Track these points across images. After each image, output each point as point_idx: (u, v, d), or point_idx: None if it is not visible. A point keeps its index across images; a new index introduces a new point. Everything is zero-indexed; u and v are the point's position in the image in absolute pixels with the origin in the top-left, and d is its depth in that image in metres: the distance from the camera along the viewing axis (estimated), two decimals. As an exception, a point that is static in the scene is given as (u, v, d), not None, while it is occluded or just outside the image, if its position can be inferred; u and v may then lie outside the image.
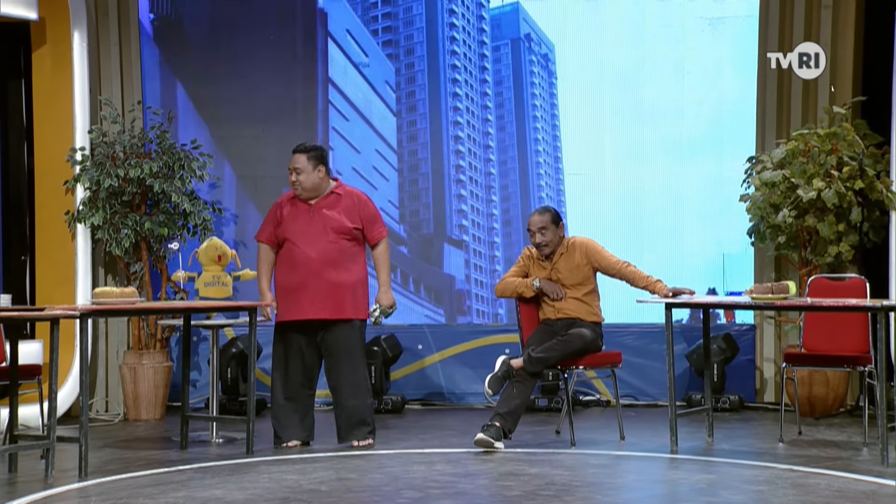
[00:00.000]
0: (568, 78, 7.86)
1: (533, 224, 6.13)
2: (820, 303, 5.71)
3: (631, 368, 7.49)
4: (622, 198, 7.80)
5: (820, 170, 7.00)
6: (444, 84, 7.85)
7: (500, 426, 5.78)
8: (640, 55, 7.81)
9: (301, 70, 7.85)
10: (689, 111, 7.78)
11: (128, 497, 4.68)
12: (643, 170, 7.81)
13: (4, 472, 5.27)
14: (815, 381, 7.08)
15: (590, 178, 7.82)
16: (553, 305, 6.14)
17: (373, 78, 7.83)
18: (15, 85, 7.37)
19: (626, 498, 4.64)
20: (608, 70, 7.83)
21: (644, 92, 7.80)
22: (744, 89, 7.66)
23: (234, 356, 7.33)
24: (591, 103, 7.83)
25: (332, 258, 5.87)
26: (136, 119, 7.47)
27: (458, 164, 7.83)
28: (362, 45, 7.83)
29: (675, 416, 5.82)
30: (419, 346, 7.75)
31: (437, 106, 7.84)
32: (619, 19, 7.81)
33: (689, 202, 7.77)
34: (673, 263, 7.59)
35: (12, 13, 6.94)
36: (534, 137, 7.86)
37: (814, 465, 5.33)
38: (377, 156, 7.84)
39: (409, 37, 7.86)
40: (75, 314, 5.12)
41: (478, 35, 7.86)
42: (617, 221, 7.78)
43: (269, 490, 4.80)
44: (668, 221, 7.79)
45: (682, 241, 7.77)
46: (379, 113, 7.85)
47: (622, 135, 7.82)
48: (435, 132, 7.84)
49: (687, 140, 7.78)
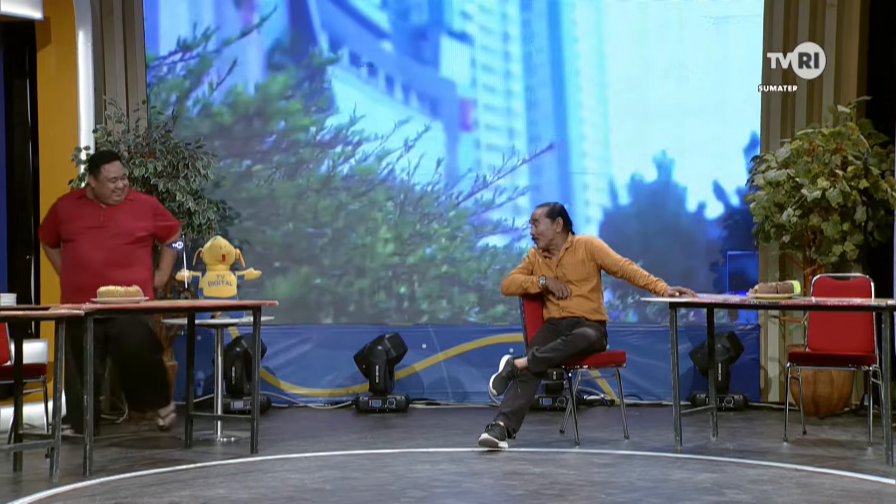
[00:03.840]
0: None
1: (531, 216, 6.21)
2: (824, 302, 5.70)
3: (635, 368, 7.49)
4: (625, 194, 7.79)
5: (824, 169, 6.99)
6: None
7: (505, 426, 5.78)
8: (643, 55, 7.80)
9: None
10: (691, 110, 7.77)
11: (132, 496, 4.69)
12: (646, 169, 7.81)
13: (9, 471, 5.28)
14: (820, 381, 7.07)
15: (596, 178, 7.81)
16: (558, 304, 6.14)
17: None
18: (20, 84, 7.37)
19: (630, 497, 4.63)
20: (612, 69, 7.83)
21: (647, 91, 7.78)
22: (748, 88, 7.64)
23: (238, 355, 7.34)
24: (598, 103, 7.82)
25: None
26: (141, 118, 7.48)
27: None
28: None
29: (679, 415, 5.81)
30: (423, 345, 7.75)
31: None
32: (622, 19, 7.80)
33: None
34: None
35: (17, 13, 6.95)
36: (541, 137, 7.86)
37: (818, 465, 5.33)
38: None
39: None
40: (80, 313, 5.13)
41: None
42: (623, 222, 7.78)
43: (274, 489, 4.80)
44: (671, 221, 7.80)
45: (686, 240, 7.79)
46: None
47: (626, 134, 7.81)
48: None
49: (690, 139, 7.78)
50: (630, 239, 7.69)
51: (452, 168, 7.79)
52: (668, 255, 7.69)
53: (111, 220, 6.17)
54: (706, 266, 7.74)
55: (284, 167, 7.80)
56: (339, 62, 7.77)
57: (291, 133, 7.81)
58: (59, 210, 6.27)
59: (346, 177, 7.79)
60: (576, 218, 7.67)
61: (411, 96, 7.79)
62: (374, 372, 7.39)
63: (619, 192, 7.79)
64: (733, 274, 7.58)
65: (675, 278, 7.49)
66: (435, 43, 7.80)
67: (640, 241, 7.72)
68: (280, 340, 7.75)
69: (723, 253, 7.68)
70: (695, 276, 7.65)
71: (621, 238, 7.57)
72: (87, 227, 6.14)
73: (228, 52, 7.78)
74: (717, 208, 7.75)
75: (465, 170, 7.78)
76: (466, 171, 7.78)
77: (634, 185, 7.79)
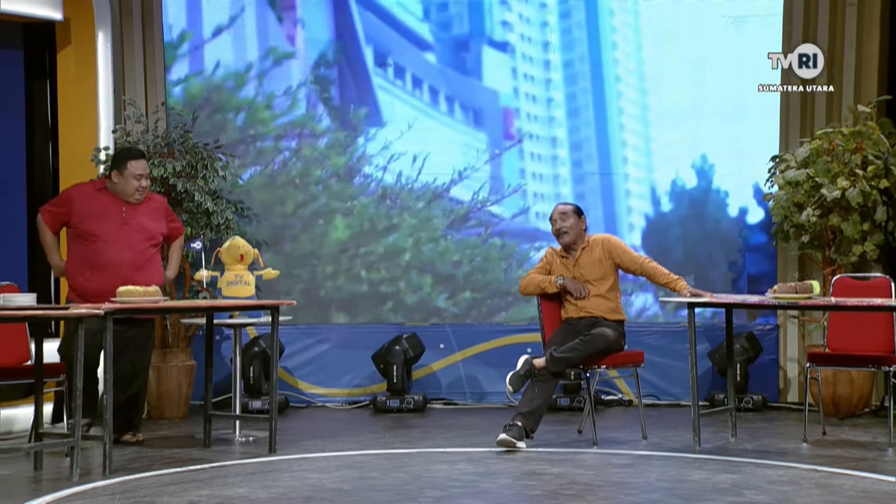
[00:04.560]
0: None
1: (556, 211, 6.18)
2: (844, 302, 5.68)
3: (653, 368, 7.47)
4: (667, 200, 7.78)
5: (844, 169, 6.96)
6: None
7: (523, 426, 5.78)
8: (661, 54, 7.78)
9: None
10: (710, 110, 7.74)
11: (151, 495, 4.71)
12: (686, 174, 7.78)
13: (30, 470, 5.31)
14: (840, 381, 7.04)
15: (610, 178, 7.79)
16: (576, 304, 6.13)
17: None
18: (40, 85, 7.41)
19: (648, 498, 4.62)
20: (651, 75, 7.79)
21: (663, 91, 7.76)
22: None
23: (256, 355, 7.36)
24: (639, 109, 7.81)
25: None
26: (160, 119, 7.51)
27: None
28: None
29: (697, 415, 5.80)
30: (441, 345, 7.76)
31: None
32: (660, 23, 7.76)
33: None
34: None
35: (38, 14, 6.99)
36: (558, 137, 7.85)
37: (838, 466, 5.30)
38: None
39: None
40: (99, 313, 5.15)
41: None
42: (665, 228, 7.75)
43: (292, 489, 4.81)
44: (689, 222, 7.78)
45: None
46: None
47: (641, 134, 7.79)
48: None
49: (708, 139, 7.75)
50: (672, 245, 7.68)
51: (497, 178, 7.78)
52: (709, 260, 7.68)
53: (133, 220, 6.02)
54: (745, 269, 7.71)
55: (334, 178, 7.78)
56: (384, 74, 7.78)
57: (337, 147, 7.79)
58: (74, 197, 5.98)
59: (392, 189, 7.77)
60: (619, 224, 7.67)
61: (455, 107, 7.80)
62: (392, 372, 7.39)
63: (661, 199, 7.76)
64: (751, 274, 7.57)
65: (717, 284, 7.49)
66: (477, 53, 7.80)
67: (683, 247, 7.71)
68: (298, 340, 7.77)
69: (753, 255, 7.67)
70: (738, 279, 7.63)
71: (662, 245, 7.60)
72: (109, 224, 5.94)
73: (274, 66, 7.77)
74: (758, 213, 7.70)
75: (511, 180, 7.76)
76: (511, 181, 7.75)
77: (676, 191, 7.76)
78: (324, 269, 7.81)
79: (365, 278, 7.80)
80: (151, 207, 6.14)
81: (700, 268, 7.65)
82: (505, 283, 7.76)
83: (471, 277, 7.78)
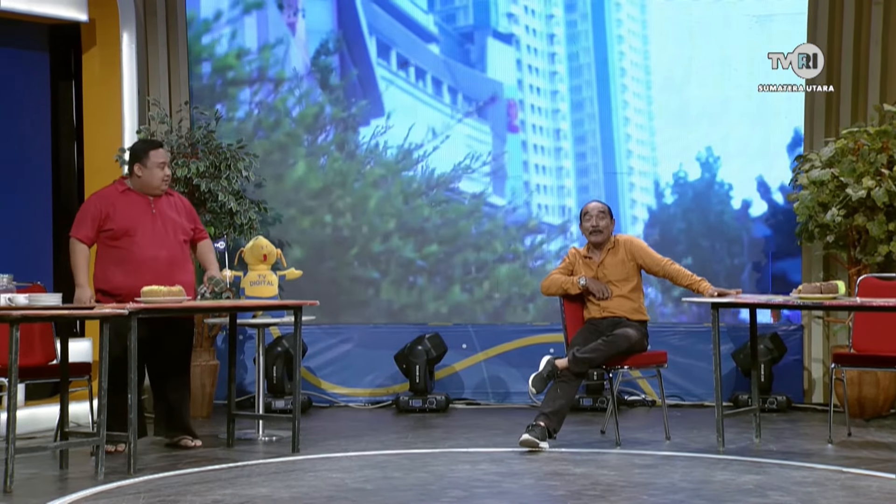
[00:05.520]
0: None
1: (593, 208, 6.15)
2: (870, 303, 5.63)
3: (676, 368, 7.44)
4: (670, 193, 7.76)
5: (870, 168, 6.91)
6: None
7: (545, 426, 5.77)
8: (686, 54, 7.76)
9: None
10: (734, 109, 7.71)
11: (175, 494, 4.73)
12: (690, 168, 7.77)
13: (56, 469, 5.35)
14: (865, 382, 6.99)
15: (642, 177, 7.78)
16: (598, 304, 6.12)
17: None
18: (65, 86, 7.46)
19: (672, 498, 4.60)
20: (657, 68, 7.79)
21: (689, 91, 7.74)
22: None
23: (279, 355, 7.38)
24: (644, 102, 7.80)
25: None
26: (184, 119, 7.54)
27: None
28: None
29: (721, 416, 5.77)
30: (463, 345, 7.76)
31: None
32: (666, 17, 7.76)
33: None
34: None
35: (63, 15, 7.04)
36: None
37: (864, 467, 5.26)
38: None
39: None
40: (124, 313, 5.18)
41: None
42: (669, 221, 7.74)
43: (315, 488, 4.82)
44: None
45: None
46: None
47: (668, 134, 7.77)
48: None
49: (734, 137, 7.72)
50: (675, 238, 7.65)
51: (500, 168, 7.78)
52: (713, 253, 7.65)
53: (163, 214, 5.90)
54: (750, 265, 7.68)
55: (334, 170, 7.81)
56: (388, 66, 7.80)
57: (340, 136, 7.82)
58: (100, 204, 5.84)
59: (399, 179, 7.79)
60: (622, 218, 7.67)
61: (458, 98, 7.81)
62: (415, 372, 7.40)
63: (664, 192, 7.76)
64: (776, 275, 7.53)
65: (720, 277, 7.48)
66: (481, 45, 7.81)
67: (686, 240, 7.68)
68: (321, 340, 7.79)
69: (766, 252, 7.62)
70: (738, 274, 7.60)
71: (666, 237, 7.56)
72: (142, 220, 5.81)
73: (274, 55, 7.81)
74: (761, 206, 7.69)
75: (514, 172, 7.76)
76: (513, 174, 7.76)
77: (679, 185, 7.75)
78: (327, 263, 7.85)
79: (367, 274, 7.82)
80: (173, 202, 6.00)
81: (705, 261, 7.63)
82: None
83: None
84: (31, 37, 7.24)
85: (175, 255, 5.88)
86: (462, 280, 7.81)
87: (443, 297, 7.80)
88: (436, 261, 7.82)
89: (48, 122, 7.40)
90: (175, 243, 5.90)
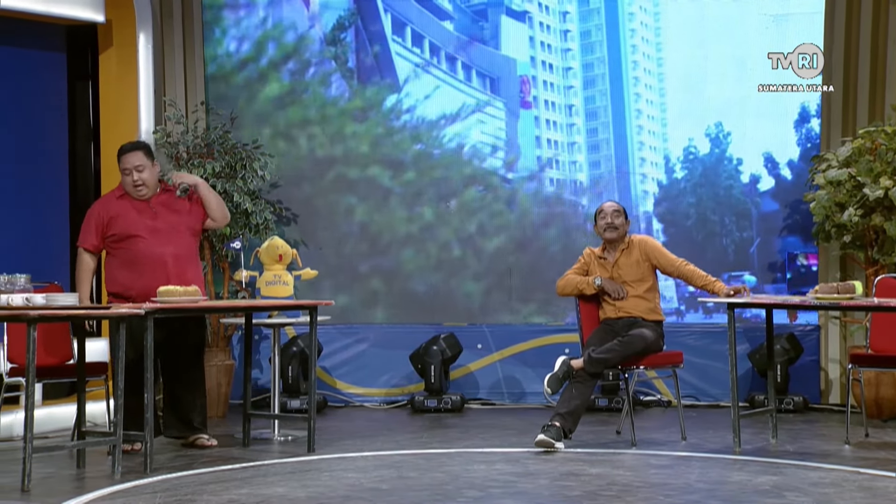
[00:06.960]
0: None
1: (608, 207, 6.17)
2: (887, 303, 5.60)
3: (692, 369, 7.42)
4: (680, 168, 7.77)
5: (887, 168, 6.88)
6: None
7: (561, 426, 5.76)
8: (702, 53, 7.74)
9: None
10: (751, 108, 7.69)
11: (192, 493, 4.74)
12: (700, 142, 7.77)
13: (73, 468, 5.37)
14: (883, 383, 6.96)
15: (653, 152, 7.77)
16: (614, 304, 6.11)
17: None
18: (82, 87, 7.50)
19: (688, 499, 4.59)
20: (670, 69, 7.78)
21: (706, 90, 7.72)
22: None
23: (294, 355, 7.40)
24: (655, 79, 7.81)
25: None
26: (200, 119, 7.56)
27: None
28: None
29: (737, 416, 5.75)
30: (479, 345, 7.76)
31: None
32: (680, 17, 7.75)
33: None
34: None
35: (80, 16, 7.07)
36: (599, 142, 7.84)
37: (882, 468, 5.23)
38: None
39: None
40: (141, 313, 5.19)
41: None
42: (678, 195, 7.74)
43: (331, 488, 4.83)
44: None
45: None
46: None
47: (683, 131, 7.77)
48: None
49: (750, 136, 7.71)
50: (685, 212, 7.71)
51: (513, 145, 7.81)
52: (722, 227, 7.68)
53: (163, 212, 5.87)
54: (759, 239, 7.67)
55: (347, 154, 7.84)
56: (402, 42, 7.83)
57: (353, 116, 7.87)
58: (101, 210, 5.85)
59: (412, 158, 7.85)
60: (632, 191, 7.69)
61: (472, 75, 7.83)
62: (430, 372, 7.40)
63: (674, 167, 7.78)
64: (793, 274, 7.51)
65: (729, 251, 7.49)
66: (495, 23, 7.82)
67: (696, 214, 7.73)
68: (336, 340, 7.80)
69: (775, 229, 7.65)
70: (747, 247, 7.64)
71: (676, 212, 7.67)
72: (143, 221, 5.81)
73: (287, 33, 7.86)
74: (769, 182, 7.72)
75: (526, 148, 7.79)
76: (526, 150, 7.80)
77: (689, 159, 7.76)
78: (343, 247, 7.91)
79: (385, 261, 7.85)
80: (175, 199, 5.94)
81: (714, 235, 7.63)
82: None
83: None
84: (49, 38, 7.27)
85: (180, 252, 5.86)
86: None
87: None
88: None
89: (65, 122, 7.43)
90: (179, 240, 5.88)
